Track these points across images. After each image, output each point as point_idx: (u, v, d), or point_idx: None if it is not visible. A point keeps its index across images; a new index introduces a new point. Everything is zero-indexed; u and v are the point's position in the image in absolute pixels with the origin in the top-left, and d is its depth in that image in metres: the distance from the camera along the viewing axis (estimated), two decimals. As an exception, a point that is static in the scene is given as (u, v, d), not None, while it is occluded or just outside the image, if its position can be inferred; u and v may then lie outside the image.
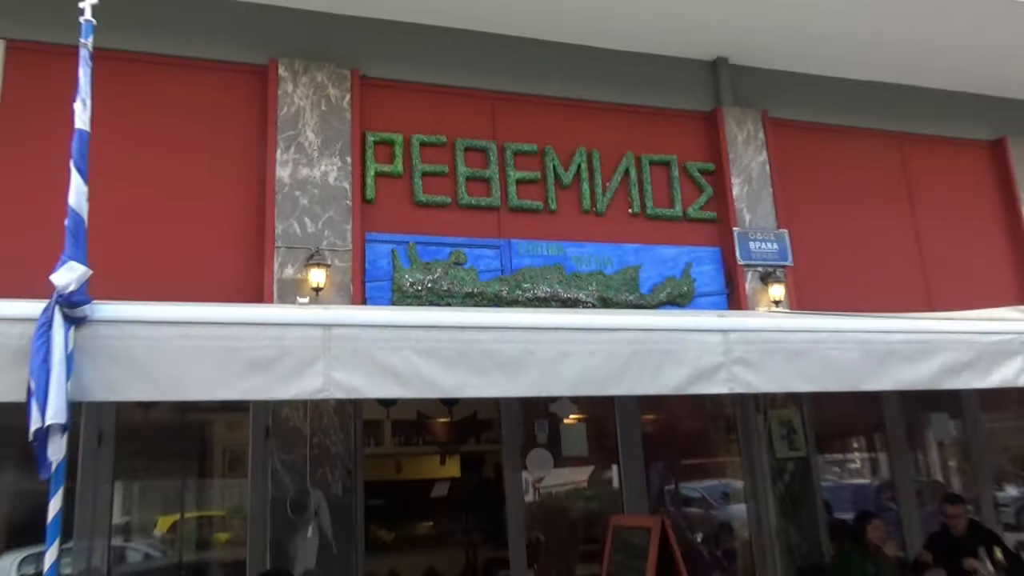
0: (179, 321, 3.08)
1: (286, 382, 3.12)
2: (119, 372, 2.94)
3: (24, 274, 5.22)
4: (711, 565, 7.16)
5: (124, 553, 7.14)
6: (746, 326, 3.86)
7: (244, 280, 5.75)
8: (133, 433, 6.35)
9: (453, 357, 3.35)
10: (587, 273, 6.58)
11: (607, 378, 3.55)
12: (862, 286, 7.34)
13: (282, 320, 3.20)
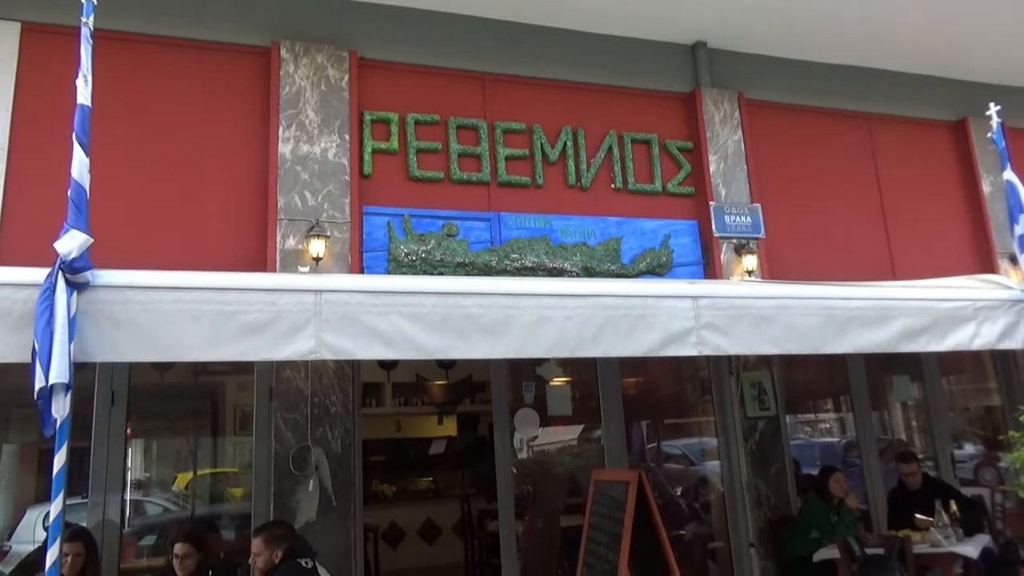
0: (177, 287, 3.05)
1: (279, 344, 3.11)
2: (120, 335, 2.92)
3: (41, 244, 5.19)
4: (689, 516, 7.22)
5: (143, 506, 7.20)
6: (715, 292, 3.83)
7: (248, 251, 5.70)
8: (146, 394, 6.37)
9: (437, 321, 3.33)
10: (572, 244, 6.53)
11: (583, 341, 3.53)
12: (829, 257, 7.30)
13: (275, 286, 3.18)
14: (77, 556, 4.50)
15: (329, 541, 5.31)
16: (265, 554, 4.25)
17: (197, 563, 4.66)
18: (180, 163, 5.70)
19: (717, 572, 6.71)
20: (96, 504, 5.12)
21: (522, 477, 7.59)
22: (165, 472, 7.14)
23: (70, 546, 4.50)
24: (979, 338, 4.17)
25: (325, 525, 5.35)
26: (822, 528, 5.85)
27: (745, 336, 3.79)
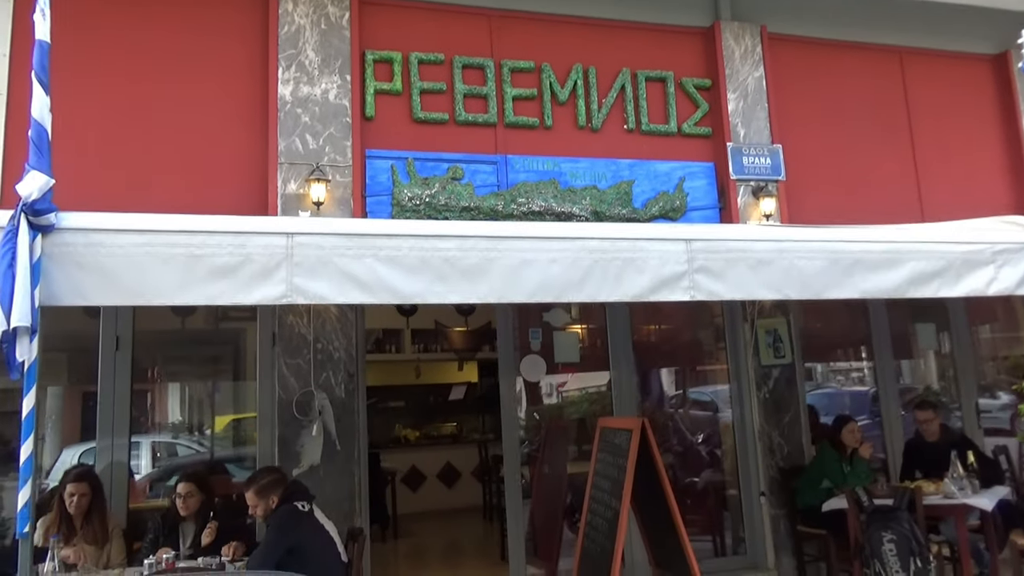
0: (145, 229, 3.00)
1: (249, 288, 3.05)
2: (86, 278, 2.88)
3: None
4: (708, 463, 7.11)
5: (175, 448, 7.37)
6: (710, 235, 3.67)
7: (249, 196, 5.63)
8: (170, 340, 6.43)
9: (415, 264, 3.24)
10: (581, 188, 6.34)
11: (568, 285, 3.41)
12: (855, 200, 7.00)
13: (245, 228, 3.10)
14: (83, 496, 4.60)
15: (334, 484, 5.36)
16: (261, 504, 4.29)
17: (200, 502, 4.73)
18: (179, 109, 5.61)
19: (728, 520, 6.65)
20: (104, 446, 5.21)
21: (547, 422, 7.58)
22: (191, 416, 7.28)
23: (75, 486, 4.61)
24: (996, 283, 3.95)
25: (329, 469, 5.38)
26: (834, 478, 5.73)
27: (741, 280, 3.63)
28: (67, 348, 6.18)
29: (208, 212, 4.88)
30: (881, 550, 4.81)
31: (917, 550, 4.73)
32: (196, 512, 4.71)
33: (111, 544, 4.65)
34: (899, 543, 4.76)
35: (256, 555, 4.11)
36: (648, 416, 6.85)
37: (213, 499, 4.83)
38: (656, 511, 5.54)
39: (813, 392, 8.28)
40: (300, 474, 5.31)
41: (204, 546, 4.55)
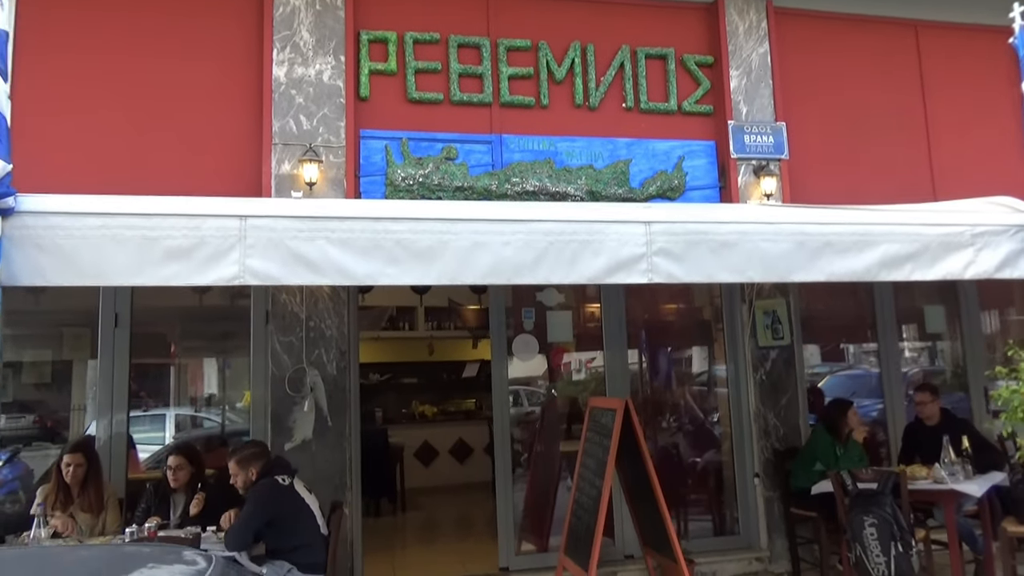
0: (101, 212, 3.09)
1: (203, 269, 3.14)
2: (46, 260, 3.00)
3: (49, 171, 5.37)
4: (717, 443, 7.05)
5: (199, 421, 7.62)
6: (671, 217, 3.65)
7: (244, 176, 5.74)
8: (189, 316, 6.60)
9: (367, 247, 3.29)
10: (577, 167, 6.31)
11: (521, 267, 3.44)
12: (862, 180, 6.83)
13: (199, 211, 3.19)
14: (79, 466, 4.80)
15: (325, 459, 5.50)
16: (241, 475, 4.44)
17: (190, 474, 4.90)
18: (174, 90, 5.73)
19: (726, 500, 6.65)
20: (104, 419, 5.42)
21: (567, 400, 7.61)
22: (210, 389, 7.51)
23: (71, 457, 4.81)
24: (974, 266, 3.86)
25: (321, 444, 5.52)
26: (826, 461, 5.68)
27: (702, 263, 3.61)
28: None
29: (203, 193, 5.07)
30: (863, 534, 4.77)
31: (898, 535, 4.68)
32: (186, 484, 4.89)
33: (107, 512, 4.86)
34: (880, 527, 4.71)
35: (235, 526, 4.26)
36: (655, 395, 6.88)
37: (203, 471, 5.00)
38: (642, 491, 5.58)
39: (841, 373, 8.20)
40: (292, 448, 5.47)
41: (192, 516, 4.73)
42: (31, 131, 5.43)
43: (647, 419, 6.76)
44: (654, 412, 6.83)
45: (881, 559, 4.72)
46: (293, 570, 4.38)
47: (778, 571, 6.08)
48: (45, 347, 6.88)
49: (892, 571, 4.70)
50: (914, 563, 4.70)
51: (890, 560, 4.69)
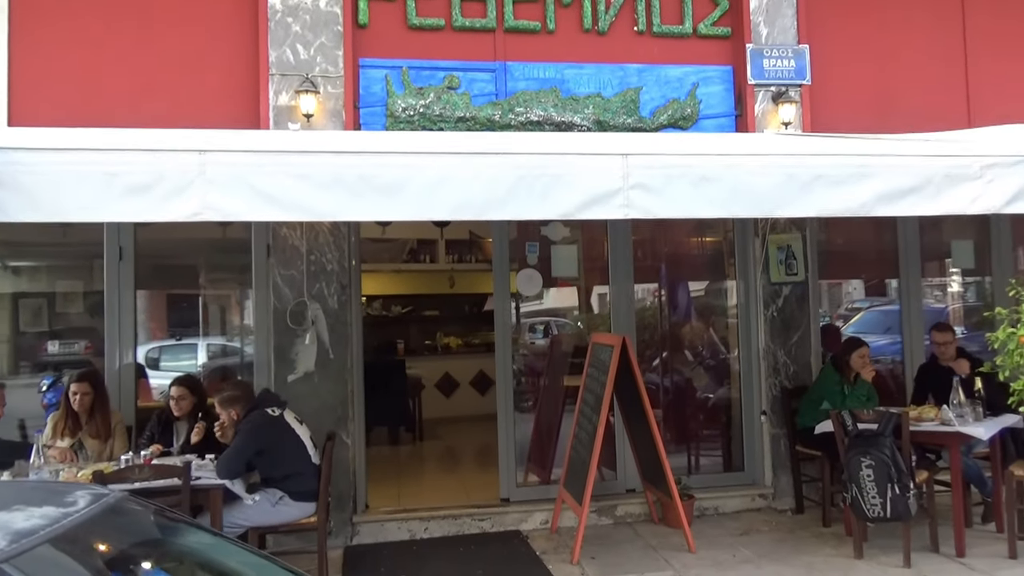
0: (61, 148, 3.08)
1: (162, 205, 3.13)
2: (7, 196, 3.02)
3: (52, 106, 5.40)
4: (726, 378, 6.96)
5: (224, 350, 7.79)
6: (650, 149, 3.50)
7: (241, 109, 5.67)
8: (213, 248, 6.63)
9: (328, 181, 3.23)
10: (584, 96, 6.09)
11: (490, 202, 3.34)
12: (890, 106, 6.45)
13: (158, 146, 3.15)
14: (85, 395, 4.96)
15: (328, 391, 5.59)
16: (224, 415, 4.56)
17: (192, 404, 5.03)
18: (168, 21, 5.65)
19: (729, 437, 6.60)
20: (112, 350, 5.57)
21: (551, 337, 7.62)
22: (232, 320, 7.65)
23: (78, 386, 4.97)
24: (982, 200, 3.62)
25: (323, 376, 5.60)
26: (833, 400, 5.55)
27: (682, 197, 3.46)
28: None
29: (202, 126, 5.03)
30: (859, 475, 4.68)
31: (896, 476, 4.57)
32: (188, 413, 5.03)
33: (114, 439, 5.04)
34: (877, 468, 4.61)
35: (226, 455, 4.37)
36: (665, 330, 6.78)
37: (204, 401, 5.12)
38: (640, 427, 5.56)
39: (877, 308, 7.98)
40: (295, 380, 5.56)
41: (193, 444, 4.88)
42: (30, 62, 5.46)
43: (655, 354, 6.70)
44: (662, 347, 6.73)
45: (877, 500, 4.64)
46: (285, 497, 4.51)
47: (781, 508, 6.04)
48: (77, 278, 7.06)
49: (888, 512, 4.63)
50: (911, 505, 4.61)
51: (886, 501, 4.61)
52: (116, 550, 1.60)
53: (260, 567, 1.93)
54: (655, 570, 4.86)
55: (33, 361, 6.77)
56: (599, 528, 5.76)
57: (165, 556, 1.72)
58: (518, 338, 7.36)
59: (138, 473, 4.08)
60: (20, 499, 1.57)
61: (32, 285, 7.26)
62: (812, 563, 4.86)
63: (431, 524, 5.69)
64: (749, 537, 5.47)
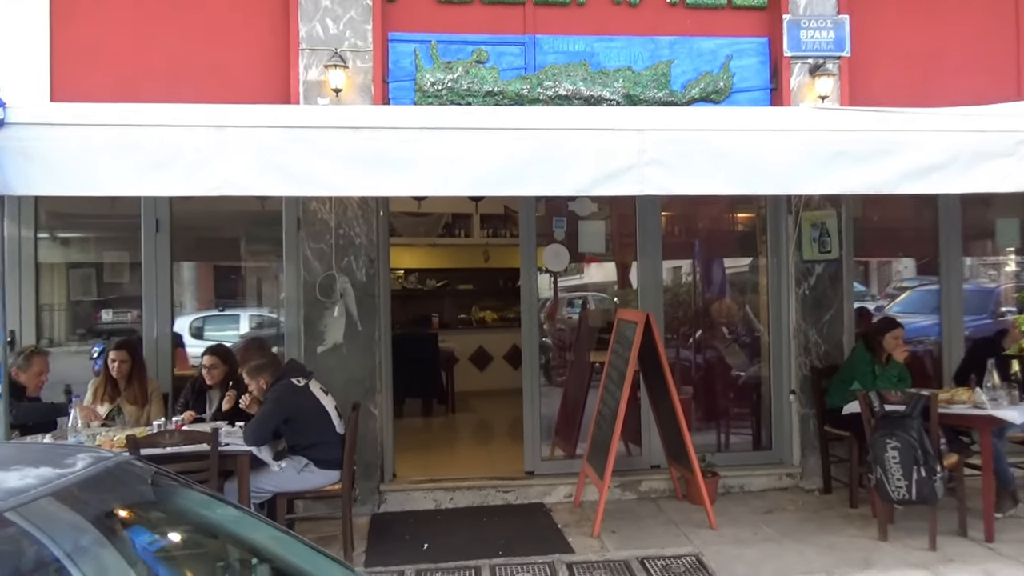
0: (85, 123, 3.17)
1: (182, 180, 3.20)
2: (33, 170, 3.13)
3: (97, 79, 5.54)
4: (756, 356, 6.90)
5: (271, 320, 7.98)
6: (666, 125, 3.44)
7: (272, 84, 5.76)
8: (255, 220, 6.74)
9: (344, 157, 3.26)
10: (614, 69, 6.01)
11: (505, 178, 3.35)
12: (935, 78, 6.22)
13: (178, 121, 3.22)
14: (123, 362, 5.16)
15: (356, 363, 5.70)
16: (252, 385, 4.68)
17: (223, 373, 5.19)
18: None
19: (758, 415, 6.54)
20: (150, 320, 5.76)
21: (580, 312, 7.60)
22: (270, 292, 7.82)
23: (116, 353, 5.17)
24: (1013, 178, 3.48)
25: (351, 348, 5.71)
26: (863, 380, 5.45)
27: (699, 173, 3.42)
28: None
29: (232, 102, 5.13)
30: (884, 456, 4.60)
31: (922, 459, 4.49)
32: (220, 381, 5.19)
33: (151, 405, 5.24)
34: (903, 451, 4.53)
35: (252, 423, 4.51)
36: (694, 307, 6.73)
37: (236, 371, 5.26)
38: (664, 404, 5.55)
39: (925, 287, 7.78)
40: (324, 352, 5.68)
41: (224, 411, 5.04)
42: (70, 41, 5.61)
43: (688, 331, 6.66)
44: (695, 324, 6.69)
45: (903, 483, 4.56)
46: (310, 465, 4.64)
47: (808, 488, 5.99)
48: (124, 249, 7.30)
49: (913, 495, 4.55)
50: (938, 488, 4.52)
51: (911, 484, 4.53)
52: (107, 510, 1.69)
53: (253, 527, 2.01)
54: (675, 546, 4.87)
55: (87, 328, 7.04)
56: (622, 503, 5.79)
57: (160, 518, 1.81)
58: (555, 313, 7.41)
59: (169, 438, 4.23)
60: (21, 460, 1.67)
61: (82, 255, 7.52)
62: (835, 543, 4.81)
63: (456, 494, 5.79)
64: (773, 516, 5.44)
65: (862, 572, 4.33)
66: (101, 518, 1.64)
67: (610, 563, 4.57)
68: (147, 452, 4.06)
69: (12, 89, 3.67)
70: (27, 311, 5.76)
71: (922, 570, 4.34)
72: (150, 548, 1.68)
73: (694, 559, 4.61)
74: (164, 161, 3.15)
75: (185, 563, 1.84)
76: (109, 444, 4.24)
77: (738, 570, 4.43)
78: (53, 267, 6.85)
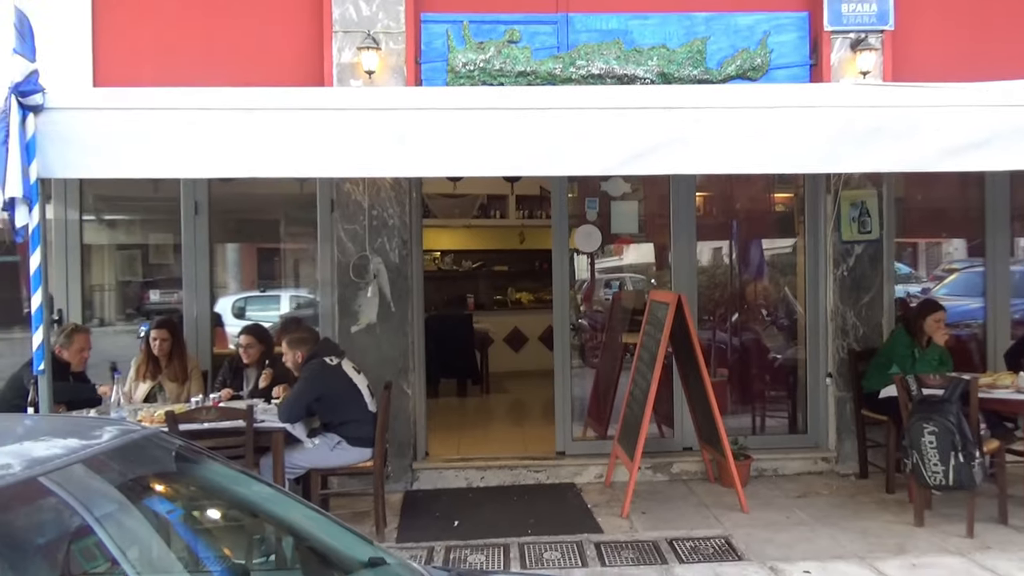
0: (122, 108, 3.26)
1: (214, 163, 3.27)
2: (72, 152, 3.23)
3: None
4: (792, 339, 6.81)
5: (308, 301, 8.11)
6: (700, 103, 3.38)
7: (306, 67, 5.81)
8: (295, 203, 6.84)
9: (378, 137, 3.29)
10: (648, 48, 5.93)
11: (535, 159, 3.33)
12: (985, 54, 5.98)
13: (208, 104, 3.28)
14: (164, 341, 5.31)
15: (389, 342, 5.78)
16: (289, 354, 4.77)
17: (260, 352, 5.31)
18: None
19: (794, 398, 6.46)
20: (190, 299, 5.91)
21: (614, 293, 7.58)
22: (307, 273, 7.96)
23: (157, 332, 5.32)
24: (1057, 155, 3.35)
25: (385, 328, 5.78)
26: (902, 364, 5.34)
27: (729, 151, 3.36)
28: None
29: (266, 85, 5.20)
30: (921, 441, 4.52)
31: (960, 444, 4.39)
32: (257, 360, 5.31)
33: (191, 382, 5.39)
34: (940, 436, 4.44)
35: (286, 401, 4.61)
36: (744, 288, 6.66)
37: (272, 349, 5.38)
38: (696, 386, 5.53)
39: (973, 270, 7.59)
40: (358, 332, 5.77)
41: (261, 389, 5.17)
42: (112, 29, 5.74)
43: (725, 313, 6.60)
44: (732, 306, 6.63)
45: (939, 468, 4.48)
46: (342, 442, 4.73)
47: (844, 472, 5.91)
48: (168, 231, 7.49)
49: (950, 480, 4.47)
50: (976, 474, 4.42)
51: (948, 469, 4.44)
52: (133, 479, 1.77)
53: (274, 499, 2.08)
54: (704, 528, 4.86)
55: (135, 308, 7.25)
56: (654, 484, 5.79)
57: (185, 490, 1.88)
58: (591, 294, 7.41)
59: (206, 414, 4.36)
60: (51, 431, 1.76)
61: (128, 237, 7.74)
62: (868, 528, 4.75)
63: (487, 473, 5.85)
64: (807, 500, 5.39)
65: (895, 557, 4.27)
66: (127, 486, 1.72)
67: (638, 543, 4.59)
68: (186, 427, 4.19)
69: (57, 77, 3.80)
70: (73, 291, 5.94)
71: (957, 556, 4.27)
72: (173, 517, 1.75)
73: (723, 541, 4.60)
74: (194, 144, 3.23)
75: (207, 533, 1.91)
76: (149, 420, 4.38)
77: (768, 553, 4.40)
78: (100, 249, 7.06)
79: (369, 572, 2.00)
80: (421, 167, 3.32)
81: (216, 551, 2.08)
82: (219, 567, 1.96)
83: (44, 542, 1.51)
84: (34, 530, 1.51)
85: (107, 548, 1.59)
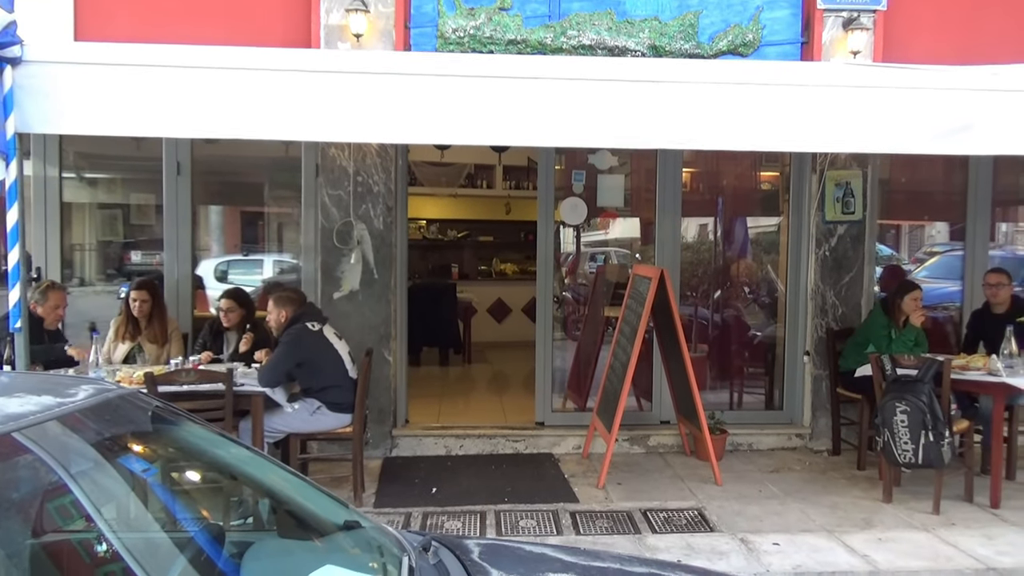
0: (102, 63, 3.19)
1: (191, 122, 3.22)
2: (52, 107, 3.18)
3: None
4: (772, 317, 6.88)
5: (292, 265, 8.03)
6: (687, 78, 3.36)
7: (293, 28, 5.71)
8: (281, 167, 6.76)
9: (366, 103, 3.25)
10: (640, 19, 5.87)
11: (522, 129, 3.30)
12: (977, 37, 5.97)
13: (187, 63, 3.22)
14: (144, 302, 5.26)
15: (371, 309, 5.77)
16: (273, 312, 4.75)
17: (240, 316, 5.29)
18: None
19: (772, 375, 6.54)
20: (171, 261, 5.86)
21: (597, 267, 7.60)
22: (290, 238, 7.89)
23: (136, 293, 5.27)
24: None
25: (367, 295, 5.78)
26: (878, 344, 5.41)
27: (721, 129, 3.35)
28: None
29: (251, 45, 5.10)
30: (893, 420, 4.60)
31: (931, 424, 4.48)
32: (237, 324, 5.29)
33: (171, 344, 5.36)
34: (912, 415, 4.52)
35: (266, 365, 4.61)
36: (728, 264, 6.69)
37: (253, 313, 5.36)
38: (676, 360, 5.57)
39: (955, 253, 7.67)
40: (340, 297, 5.76)
41: (241, 353, 5.16)
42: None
43: (707, 289, 6.64)
44: (714, 282, 6.67)
45: (909, 446, 4.57)
46: (322, 407, 4.74)
47: (817, 449, 6.01)
48: (149, 191, 7.38)
49: (919, 459, 4.56)
50: (945, 453, 4.51)
51: (918, 448, 4.53)
52: (107, 438, 1.77)
53: (251, 461, 2.09)
54: (678, 499, 4.94)
55: (116, 269, 7.16)
56: (630, 456, 5.86)
57: (159, 450, 1.88)
58: (576, 267, 7.42)
59: (185, 376, 4.34)
60: (24, 388, 1.75)
61: (109, 196, 7.62)
62: (838, 503, 4.85)
63: (466, 442, 5.89)
64: (779, 475, 5.48)
65: (862, 532, 4.37)
66: (103, 445, 1.72)
67: (613, 513, 4.65)
68: (164, 389, 4.18)
69: (37, 30, 3.71)
70: (52, 250, 5.86)
71: (922, 532, 4.37)
72: (149, 476, 1.75)
73: (696, 512, 4.68)
74: (180, 102, 3.17)
75: (184, 494, 1.92)
76: (128, 380, 4.36)
77: (739, 525, 4.49)
78: (80, 207, 6.95)
79: (345, 535, 2.02)
80: (408, 133, 3.29)
81: (193, 512, 2.10)
82: (195, 527, 1.97)
83: (18, 498, 1.51)
84: (8, 486, 1.52)
85: (82, 505, 1.59)
